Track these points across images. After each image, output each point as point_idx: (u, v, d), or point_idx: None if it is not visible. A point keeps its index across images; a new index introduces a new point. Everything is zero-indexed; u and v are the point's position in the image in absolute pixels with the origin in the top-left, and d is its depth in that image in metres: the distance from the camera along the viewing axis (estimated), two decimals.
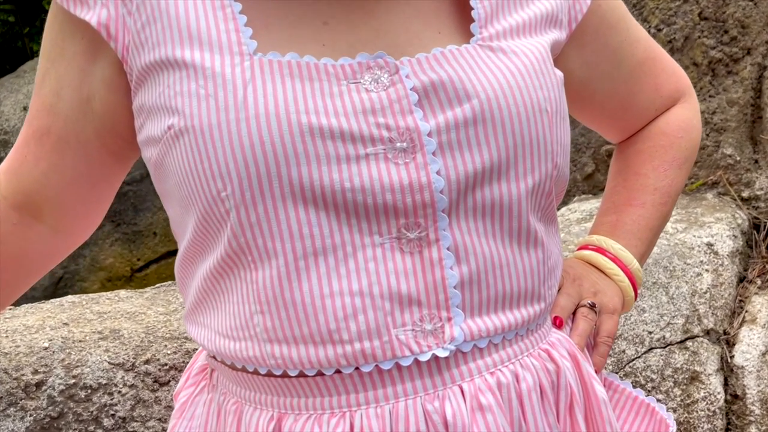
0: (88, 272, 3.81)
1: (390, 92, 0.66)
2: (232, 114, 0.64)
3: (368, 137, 0.65)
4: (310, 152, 0.64)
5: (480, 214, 0.68)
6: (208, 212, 0.66)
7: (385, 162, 0.65)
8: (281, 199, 0.64)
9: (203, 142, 0.65)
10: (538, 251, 0.71)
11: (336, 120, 0.64)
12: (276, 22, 0.69)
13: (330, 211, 0.65)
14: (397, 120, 0.66)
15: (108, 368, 0.99)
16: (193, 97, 0.65)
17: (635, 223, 0.91)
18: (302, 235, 0.65)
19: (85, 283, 3.69)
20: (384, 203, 0.65)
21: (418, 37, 0.71)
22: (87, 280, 3.73)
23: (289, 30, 0.69)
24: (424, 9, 0.73)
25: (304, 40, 0.69)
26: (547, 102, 0.70)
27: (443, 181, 0.66)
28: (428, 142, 0.66)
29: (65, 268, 3.75)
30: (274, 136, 0.63)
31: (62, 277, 3.78)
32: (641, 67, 0.89)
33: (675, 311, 1.35)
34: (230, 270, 0.68)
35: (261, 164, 0.63)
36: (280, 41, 0.68)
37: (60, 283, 3.77)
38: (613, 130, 0.95)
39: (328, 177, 0.64)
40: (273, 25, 0.69)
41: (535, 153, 0.69)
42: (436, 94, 0.67)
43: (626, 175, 0.94)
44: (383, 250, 0.66)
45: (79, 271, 3.70)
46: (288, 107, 0.64)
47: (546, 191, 0.71)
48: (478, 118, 0.67)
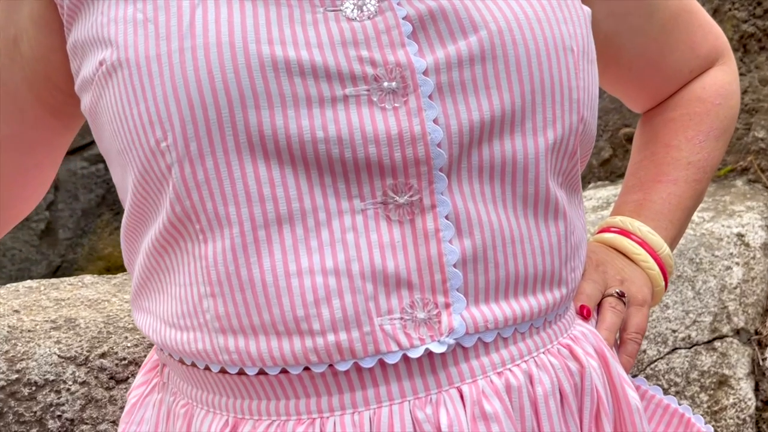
0: (86, 261, 3.72)
1: (377, 21, 0.54)
2: (175, 43, 0.52)
3: (348, 75, 0.52)
4: (272, 92, 0.51)
5: (487, 175, 0.55)
6: (146, 169, 0.54)
7: (368, 106, 0.53)
8: (236, 152, 0.51)
9: (139, 78, 0.52)
10: (559, 224, 0.58)
11: (307, 52, 0.52)
12: None
13: (298, 167, 0.52)
14: (384, 54, 0.53)
15: (57, 362, 0.87)
16: (128, 23, 0.53)
17: (665, 202, 0.79)
18: (262, 198, 0.52)
19: (84, 272, 3.59)
20: (366, 158, 0.52)
21: None
22: (85, 270, 3.63)
23: None
24: None
25: None
26: (572, 39, 0.58)
27: (441, 131, 0.53)
28: (424, 82, 0.53)
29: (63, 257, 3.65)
30: (227, 70, 0.51)
31: (60, 266, 3.68)
32: (675, 20, 0.76)
33: (702, 308, 1.23)
34: (175, 242, 0.56)
35: (210, 107, 0.51)
36: None
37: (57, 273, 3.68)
38: (640, 96, 0.82)
39: (296, 124, 0.51)
40: None
41: (557, 101, 0.56)
42: (434, 25, 0.54)
43: (655, 147, 0.81)
44: (365, 218, 0.53)
45: (77, 260, 3.60)
46: (246, 35, 0.52)
47: (569, 150, 0.58)
48: (486, 54, 0.54)
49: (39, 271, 3.66)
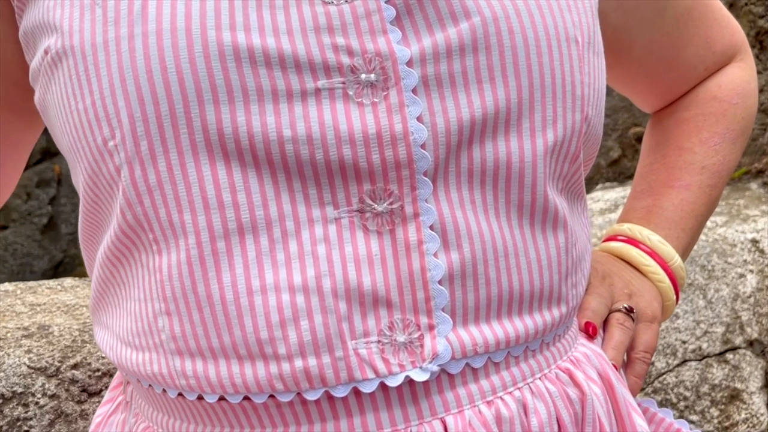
0: None
1: (356, 5, 0.48)
2: (124, 29, 0.46)
3: (320, 65, 0.47)
4: (233, 85, 0.45)
5: (478, 180, 0.49)
6: (94, 170, 0.49)
7: (343, 101, 0.47)
8: (191, 153, 0.46)
9: (84, 68, 0.47)
10: (559, 235, 0.52)
11: (274, 40, 0.46)
12: None
13: (262, 170, 0.46)
14: (363, 42, 0.47)
15: (26, 373, 0.82)
16: (75, 6, 0.47)
17: (677, 209, 0.73)
18: (221, 205, 0.46)
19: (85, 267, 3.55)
20: (340, 160, 0.47)
21: None
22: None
23: None
24: None
25: None
26: (576, 28, 0.52)
27: (426, 131, 0.47)
28: (407, 75, 0.47)
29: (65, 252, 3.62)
30: (182, 60, 0.45)
31: (62, 261, 3.65)
32: (690, 14, 0.70)
33: (713, 318, 1.18)
34: (129, 252, 0.50)
35: (162, 101, 0.45)
36: None
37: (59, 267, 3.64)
38: (650, 95, 0.76)
39: (260, 121, 0.46)
40: None
41: (559, 97, 0.50)
42: (421, 9, 0.49)
43: (666, 149, 0.76)
44: (338, 228, 0.48)
45: (78, 254, 3.56)
46: (205, 20, 0.46)
47: (571, 153, 0.52)
48: (479, 43, 0.48)
49: (41, 266, 3.62)
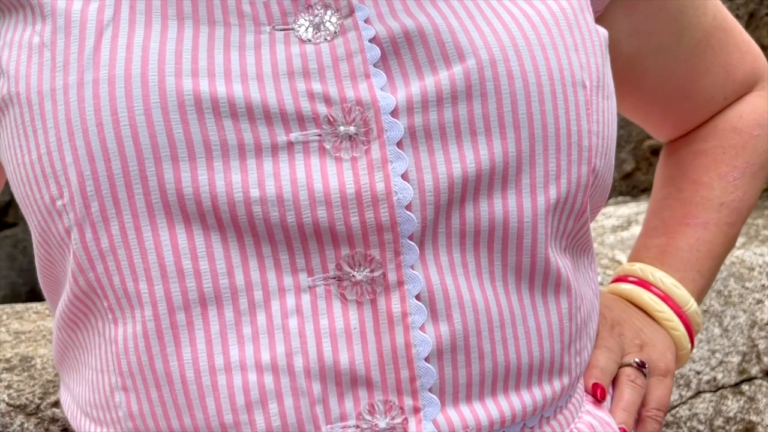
0: None
1: (336, 44, 0.43)
2: (74, 75, 0.42)
3: (294, 115, 0.42)
4: (194, 139, 0.41)
5: (471, 241, 0.45)
6: (44, 229, 0.44)
7: (319, 156, 0.42)
8: (147, 215, 0.41)
9: (30, 118, 0.42)
10: (561, 300, 0.48)
11: (242, 86, 0.42)
12: None
13: (227, 233, 0.42)
14: (342, 88, 0.43)
15: (5, 411, 0.78)
16: (23, 48, 0.43)
17: (693, 249, 0.68)
18: (181, 273, 0.42)
19: None
20: (314, 224, 0.42)
21: None
22: None
23: None
24: None
25: None
26: (584, 71, 0.47)
27: (412, 190, 0.43)
28: (391, 126, 0.43)
29: None
30: (137, 111, 0.41)
31: None
32: (709, 40, 0.65)
33: (729, 347, 1.13)
34: (85, 317, 0.46)
35: (114, 158, 0.41)
36: None
37: None
38: (665, 125, 0.71)
39: (224, 180, 0.41)
40: None
41: (563, 149, 0.45)
42: (409, 50, 0.44)
43: (681, 183, 0.71)
44: (313, 298, 0.43)
45: None
46: (163, 65, 0.41)
47: (577, 209, 0.47)
48: (474, 89, 0.44)
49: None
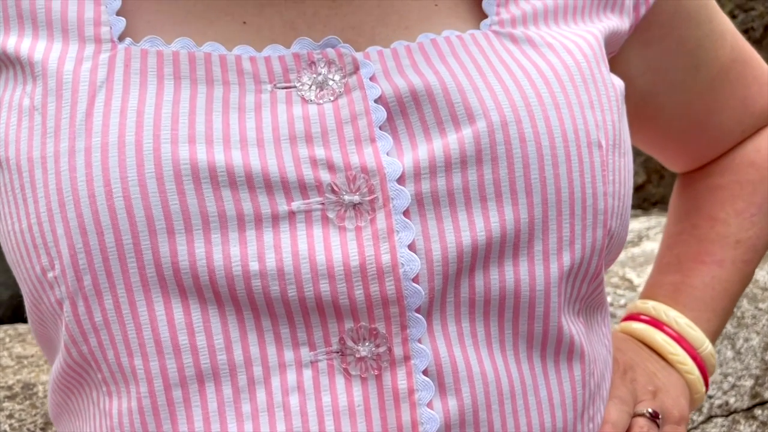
0: None
1: (340, 105, 0.42)
2: (65, 142, 0.40)
3: (295, 183, 0.41)
4: (191, 211, 0.39)
5: (480, 311, 0.43)
6: (35, 297, 0.43)
7: (322, 226, 0.41)
8: (141, 289, 0.40)
9: (20, 186, 0.41)
10: (575, 367, 0.46)
11: (241, 153, 0.40)
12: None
13: (225, 307, 0.40)
14: (346, 153, 0.41)
15: None
16: (13, 110, 0.42)
17: (708, 288, 0.66)
18: (177, 349, 0.40)
19: None
20: (317, 297, 0.40)
21: (399, 12, 0.46)
22: None
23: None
24: None
25: (213, 13, 0.44)
26: (600, 130, 0.45)
27: (419, 262, 0.41)
28: (397, 194, 0.41)
29: None
30: (130, 182, 0.39)
31: None
32: (727, 74, 0.64)
33: (742, 370, 1.11)
34: (79, 386, 0.45)
35: (107, 231, 0.39)
36: (170, 16, 0.44)
37: None
38: (680, 158, 0.69)
39: (222, 253, 0.40)
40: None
41: (578, 214, 0.43)
42: (417, 110, 0.42)
43: (697, 219, 0.69)
44: (315, 373, 0.41)
45: None
46: (159, 131, 0.40)
47: (591, 273, 0.46)
48: (484, 153, 0.42)
49: None
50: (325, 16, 0.45)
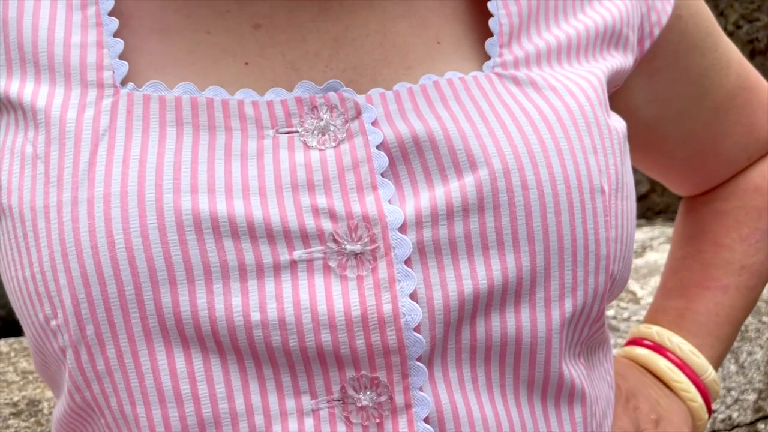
0: None
1: (342, 151, 0.42)
2: (68, 192, 0.40)
3: (297, 233, 0.41)
4: (193, 262, 0.39)
5: (482, 356, 0.43)
6: (39, 344, 0.43)
7: (323, 275, 0.41)
8: (144, 339, 0.40)
9: (23, 235, 0.41)
10: (576, 409, 0.46)
11: (243, 203, 0.40)
12: (171, 26, 0.44)
13: (227, 356, 0.40)
14: (348, 202, 0.41)
15: None
16: (15, 157, 0.42)
17: (712, 314, 0.66)
18: (179, 397, 0.40)
19: None
20: (318, 347, 0.40)
21: (401, 51, 0.46)
22: None
23: (192, 37, 0.44)
24: (417, 5, 0.48)
25: (215, 52, 0.44)
26: (603, 174, 0.45)
27: (420, 311, 0.41)
28: (399, 243, 0.41)
29: None
30: (133, 233, 0.39)
31: None
32: (732, 101, 0.63)
33: (745, 384, 1.11)
34: (83, 428, 0.45)
35: (110, 282, 0.39)
36: (173, 55, 0.44)
37: None
38: (684, 183, 0.69)
39: (224, 303, 0.40)
40: (166, 31, 0.44)
41: (580, 261, 0.43)
42: (419, 156, 0.42)
43: (701, 244, 0.69)
44: (316, 422, 0.41)
45: None
46: (161, 181, 0.40)
47: (593, 317, 0.46)
48: (486, 201, 0.42)
49: None
50: (327, 56, 0.45)
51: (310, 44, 0.45)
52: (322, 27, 0.45)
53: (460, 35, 0.48)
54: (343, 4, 0.46)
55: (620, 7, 0.51)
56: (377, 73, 0.45)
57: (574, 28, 0.49)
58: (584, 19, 0.50)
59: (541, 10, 0.49)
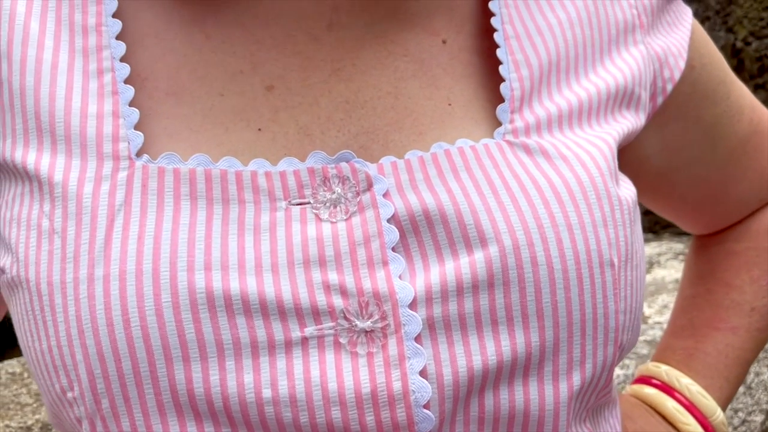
0: None
1: (354, 225, 0.42)
2: (84, 269, 0.41)
3: (308, 310, 0.41)
4: (206, 339, 0.40)
5: (489, 428, 0.43)
6: (56, 411, 0.44)
7: (334, 351, 0.41)
8: (158, 413, 0.41)
9: (40, 309, 0.41)
10: None
11: (256, 280, 0.41)
12: (185, 88, 0.45)
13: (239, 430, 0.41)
14: (359, 278, 0.41)
15: None
16: (32, 229, 0.42)
17: (722, 355, 0.67)
18: None
19: None
20: (328, 424, 0.41)
21: (413, 114, 0.46)
22: None
23: (206, 100, 0.45)
24: (429, 64, 0.48)
25: (228, 117, 0.44)
26: (613, 248, 0.45)
27: (430, 388, 0.41)
28: (409, 320, 0.41)
29: None
30: (147, 312, 0.40)
31: None
32: (744, 147, 0.63)
33: (752, 405, 1.11)
34: None
35: (125, 359, 0.40)
36: (187, 125, 0.44)
37: None
38: (695, 224, 0.70)
39: (236, 380, 0.40)
40: (180, 94, 0.45)
41: (589, 335, 0.44)
42: (429, 230, 0.43)
43: (711, 284, 0.69)
44: None
45: None
46: (175, 259, 0.40)
47: (601, 386, 0.46)
48: (496, 278, 0.42)
49: None
50: (339, 120, 0.45)
51: (323, 108, 0.45)
52: (334, 89, 0.46)
53: (471, 96, 0.48)
54: (355, 64, 0.46)
55: (632, 66, 0.51)
56: (389, 139, 0.45)
57: (586, 90, 0.49)
58: (596, 80, 0.50)
59: (552, 72, 0.49)
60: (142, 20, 0.46)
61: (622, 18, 0.51)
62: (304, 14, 0.47)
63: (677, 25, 0.56)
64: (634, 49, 0.52)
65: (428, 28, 0.49)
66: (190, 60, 0.45)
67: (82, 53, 0.44)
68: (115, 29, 0.45)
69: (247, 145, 0.44)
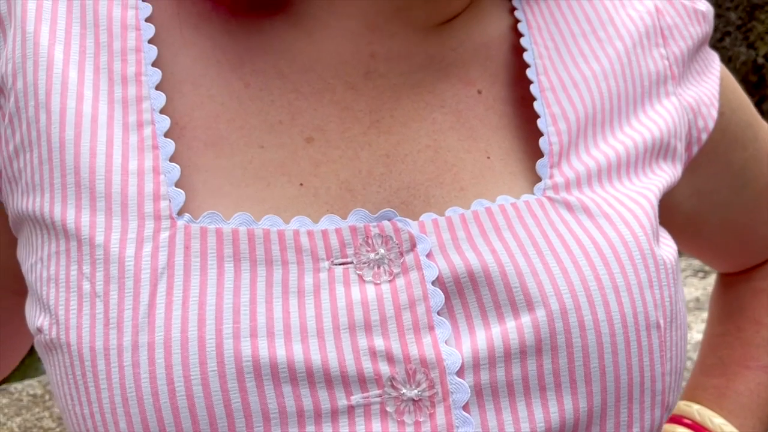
0: None
1: (398, 287, 0.42)
2: (128, 336, 0.40)
3: (355, 377, 0.40)
4: (252, 408, 0.39)
5: None
6: None
7: (381, 419, 0.40)
8: None
9: (81, 375, 0.41)
10: None
11: (302, 347, 0.40)
12: (224, 138, 0.44)
13: None
14: (405, 344, 0.41)
15: None
16: (71, 291, 0.41)
17: (754, 395, 0.66)
18: None
19: None
20: None
21: (453, 169, 0.46)
22: None
23: (245, 152, 0.44)
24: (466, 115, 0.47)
25: (268, 172, 0.44)
26: (659, 309, 0.44)
27: None
28: (457, 388, 0.41)
29: None
30: (193, 381, 0.39)
31: None
32: None
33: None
34: None
35: (170, 428, 0.39)
36: (227, 179, 0.43)
37: None
38: (722, 264, 0.69)
39: None
40: (219, 145, 0.44)
41: (636, 398, 0.43)
42: (474, 292, 0.42)
43: (741, 321, 0.69)
44: None
45: None
46: (221, 325, 0.40)
47: None
48: (544, 343, 0.42)
49: None
50: (379, 175, 0.44)
51: (363, 162, 0.45)
52: (374, 141, 0.45)
53: (508, 149, 0.47)
54: (393, 115, 0.46)
55: (667, 118, 0.50)
56: (430, 194, 0.45)
57: (622, 143, 0.48)
58: (631, 133, 0.49)
59: (589, 125, 0.48)
60: (179, 65, 0.45)
61: (654, 69, 0.51)
62: (341, 60, 0.46)
63: (706, 74, 0.56)
64: (666, 101, 0.51)
65: (464, 78, 0.48)
66: (228, 108, 0.45)
67: (122, 104, 0.43)
68: (154, 79, 0.44)
69: (289, 202, 0.43)
